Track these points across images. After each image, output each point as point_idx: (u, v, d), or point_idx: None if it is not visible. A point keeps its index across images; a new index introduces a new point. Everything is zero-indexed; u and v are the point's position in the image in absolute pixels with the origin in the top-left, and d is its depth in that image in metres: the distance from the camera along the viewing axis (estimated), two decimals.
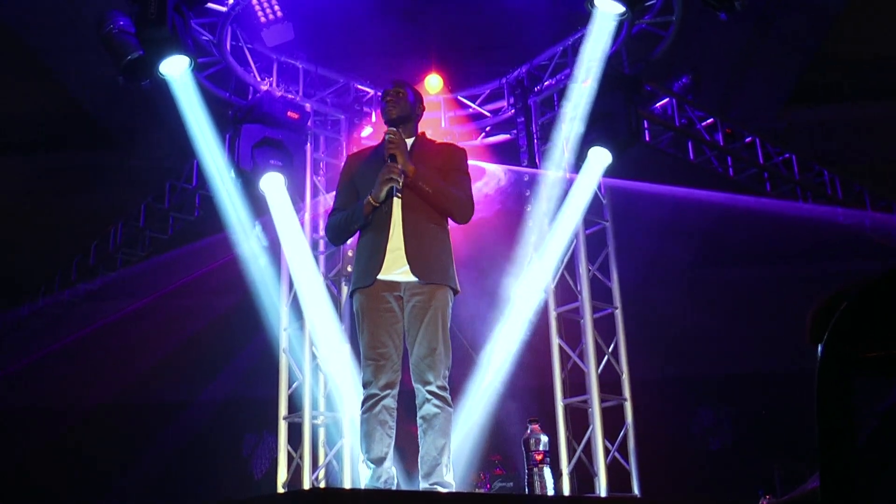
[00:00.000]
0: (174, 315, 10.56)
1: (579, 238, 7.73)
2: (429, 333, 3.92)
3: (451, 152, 4.23)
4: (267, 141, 7.59)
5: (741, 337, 10.22)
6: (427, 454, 3.86)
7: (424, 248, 3.99)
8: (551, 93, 8.42)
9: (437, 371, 3.89)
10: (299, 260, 7.67)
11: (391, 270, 4.00)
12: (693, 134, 8.34)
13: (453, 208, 4.02)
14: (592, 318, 7.49)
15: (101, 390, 10.99)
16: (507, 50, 8.74)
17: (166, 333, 10.64)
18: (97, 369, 10.91)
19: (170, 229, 9.57)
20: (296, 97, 8.20)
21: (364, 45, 8.56)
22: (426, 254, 3.99)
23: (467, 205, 4.06)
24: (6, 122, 10.17)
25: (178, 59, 6.60)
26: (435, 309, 3.95)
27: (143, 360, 10.83)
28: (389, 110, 4.08)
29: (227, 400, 11.24)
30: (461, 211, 4.04)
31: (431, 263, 3.99)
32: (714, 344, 10.49)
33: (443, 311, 3.97)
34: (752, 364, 10.59)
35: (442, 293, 3.99)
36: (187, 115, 7.23)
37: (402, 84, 4.28)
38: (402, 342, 4.04)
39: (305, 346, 7.63)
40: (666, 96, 8.18)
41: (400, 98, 4.19)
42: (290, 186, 7.75)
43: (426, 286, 3.97)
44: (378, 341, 3.98)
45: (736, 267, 11.14)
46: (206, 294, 10.40)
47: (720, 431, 11.22)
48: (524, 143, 8.22)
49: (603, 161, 7.49)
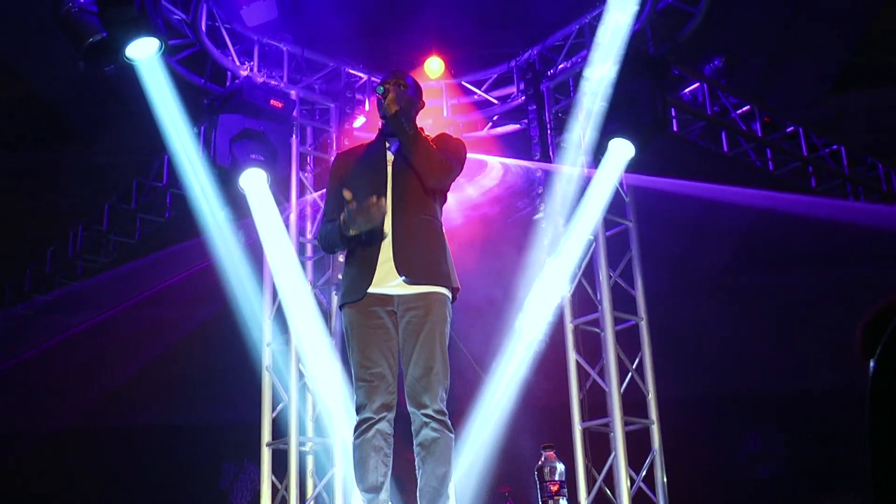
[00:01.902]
0: (142, 329, 10.58)
1: (599, 241, 7.75)
2: (425, 352, 3.98)
3: (442, 138, 4.34)
4: (247, 133, 7.63)
5: (785, 350, 10.22)
6: (427, 485, 3.90)
7: (414, 246, 4.06)
8: (566, 77, 8.46)
9: (434, 393, 3.94)
10: (284, 266, 7.71)
11: (383, 283, 4.06)
12: (727, 123, 8.37)
13: (430, 161, 4.09)
14: (614, 330, 7.51)
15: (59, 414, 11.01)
16: (516, 29, 8.78)
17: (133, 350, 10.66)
18: (55, 391, 10.94)
19: (137, 233, 9.60)
20: (280, 83, 8.24)
21: (356, 24, 8.56)
22: (416, 251, 4.06)
23: (445, 164, 4.13)
24: None
25: (146, 41, 6.61)
26: (432, 324, 4.00)
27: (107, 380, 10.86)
28: (388, 106, 4.07)
29: (203, 424, 11.25)
30: (438, 166, 4.11)
31: (423, 261, 4.06)
32: (753, 358, 10.50)
33: (441, 327, 4.03)
34: (800, 380, 10.57)
35: (439, 305, 4.05)
36: (157, 105, 7.26)
37: (401, 75, 4.31)
38: (397, 360, 4.10)
39: (291, 363, 7.66)
40: (696, 81, 8.20)
41: (399, 92, 4.19)
42: (273, 184, 7.79)
43: (421, 299, 4.02)
44: (370, 360, 4.03)
45: (777, 272, 11.14)
46: (178, 305, 10.42)
47: (770, 457, 11.18)
48: (536, 133, 8.26)
49: (625, 154, 7.52)
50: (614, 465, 7.15)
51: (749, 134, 8.47)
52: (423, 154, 4.06)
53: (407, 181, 4.11)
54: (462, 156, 4.28)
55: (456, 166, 4.20)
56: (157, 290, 9.91)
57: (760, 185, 8.65)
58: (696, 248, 9.88)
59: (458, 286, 4.14)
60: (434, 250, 4.11)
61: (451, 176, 4.19)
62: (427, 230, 4.11)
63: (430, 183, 4.11)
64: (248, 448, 8.59)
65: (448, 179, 4.18)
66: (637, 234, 7.93)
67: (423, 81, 5.01)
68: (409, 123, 4.11)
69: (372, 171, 4.19)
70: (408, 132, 4.05)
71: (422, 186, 4.11)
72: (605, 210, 7.69)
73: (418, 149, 4.06)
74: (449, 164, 4.14)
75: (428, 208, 4.15)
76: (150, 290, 9.97)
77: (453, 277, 4.13)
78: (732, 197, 8.52)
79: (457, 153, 4.25)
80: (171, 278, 9.70)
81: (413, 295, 4.03)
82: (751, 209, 8.97)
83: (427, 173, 4.09)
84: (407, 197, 4.10)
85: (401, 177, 4.14)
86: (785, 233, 9.66)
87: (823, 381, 10.20)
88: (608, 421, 7.26)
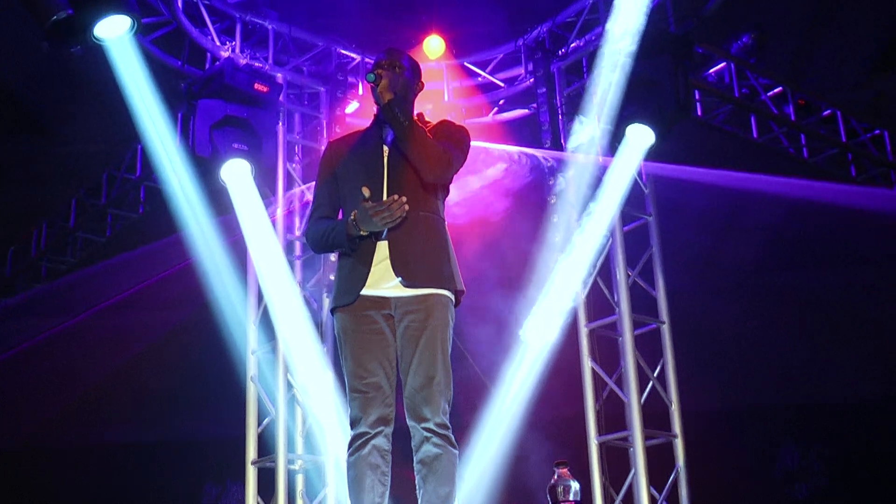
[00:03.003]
0: (113, 336, 10.58)
1: (616, 236, 7.75)
2: (425, 360, 3.95)
3: (443, 126, 4.30)
4: (229, 120, 7.62)
5: (824, 356, 10.21)
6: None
7: (413, 244, 4.03)
8: (579, 57, 8.45)
9: (436, 405, 3.92)
10: (270, 266, 7.70)
11: (379, 284, 4.04)
12: (757, 106, 8.36)
13: (427, 154, 4.04)
14: (633, 335, 7.51)
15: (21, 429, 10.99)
16: (524, 3, 8.73)
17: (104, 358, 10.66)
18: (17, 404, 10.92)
19: (107, 230, 9.60)
20: (265, 65, 8.24)
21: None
22: (415, 250, 4.03)
23: (444, 157, 4.08)
24: None
25: (116, 19, 6.58)
26: (433, 329, 3.98)
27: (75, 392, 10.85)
28: (381, 94, 4.06)
29: (181, 441, 11.26)
30: (436, 160, 4.06)
31: (422, 261, 4.03)
32: (789, 366, 10.48)
33: (442, 332, 4.01)
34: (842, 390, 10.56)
35: (441, 308, 4.03)
36: (129, 90, 7.25)
37: (396, 55, 4.27)
38: (394, 369, 4.07)
39: (279, 373, 7.65)
40: (723, 60, 8.20)
41: (395, 74, 4.18)
42: (258, 176, 7.78)
43: (421, 301, 4.01)
44: (365, 370, 4.01)
45: (813, 270, 11.12)
46: (154, 309, 10.42)
47: (808, 475, 11.17)
48: (546, 119, 8.25)
49: (644, 141, 7.51)
50: (634, 484, 7.12)
51: (781, 118, 8.45)
52: (419, 147, 4.02)
53: (404, 173, 4.07)
54: (465, 145, 4.24)
55: (457, 158, 4.16)
56: (130, 293, 9.90)
57: (794, 174, 8.66)
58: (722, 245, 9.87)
59: (463, 289, 4.11)
60: (435, 249, 4.08)
61: (452, 170, 4.14)
62: (427, 227, 4.08)
63: (427, 178, 4.07)
64: (232, 467, 8.62)
65: (448, 174, 4.14)
66: (658, 229, 7.94)
67: (421, 62, 5.02)
68: (405, 112, 4.05)
69: (367, 161, 4.15)
70: (403, 123, 4.00)
71: (417, 178, 4.12)
72: (622, 203, 7.69)
73: (414, 141, 4.01)
74: (448, 156, 4.09)
75: (428, 203, 4.12)
76: (123, 292, 9.96)
77: (457, 279, 4.10)
78: (763, 187, 8.53)
79: (459, 143, 4.21)
80: (146, 280, 9.68)
81: (412, 297, 4.00)
82: (784, 201, 8.96)
83: (424, 168, 4.04)
84: (404, 191, 4.01)
85: (398, 168, 4.10)
86: (821, 227, 9.64)
87: (868, 390, 10.19)
88: (627, 435, 7.24)
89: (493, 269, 8.68)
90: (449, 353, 4.03)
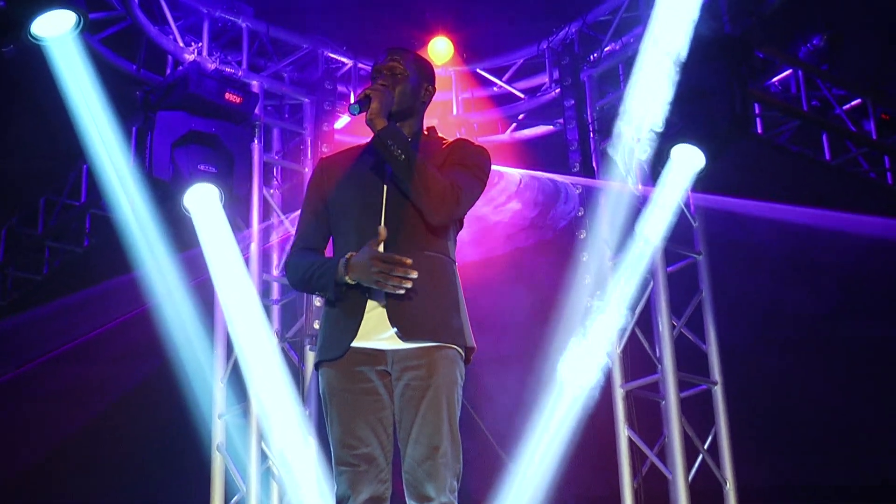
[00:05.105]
0: (53, 395, 10.54)
1: (658, 279, 7.77)
2: (428, 426, 3.89)
3: (458, 147, 4.21)
4: (194, 136, 7.64)
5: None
6: None
7: (415, 291, 3.92)
8: (615, 63, 8.49)
9: (441, 481, 3.86)
10: (242, 313, 7.69)
11: (373, 335, 3.97)
12: (830, 122, 8.33)
13: (430, 194, 3.94)
14: (679, 397, 7.50)
15: None
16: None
17: (41, 423, 10.61)
18: None
19: (45, 266, 9.58)
20: (237, 71, 8.24)
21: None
22: (417, 299, 3.93)
23: (449, 196, 3.97)
24: None
25: (58, 14, 6.60)
26: (437, 389, 3.91)
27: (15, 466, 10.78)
28: (372, 121, 3.99)
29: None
30: (438, 200, 3.95)
31: (425, 312, 3.96)
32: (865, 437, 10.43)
33: (449, 392, 3.94)
34: None
35: (447, 363, 3.95)
36: (73, 99, 7.25)
37: (399, 56, 4.21)
38: (391, 438, 4.02)
39: (251, 441, 7.66)
40: (788, 67, 8.19)
41: (399, 79, 4.13)
42: (228, 204, 7.78)
43: (423, 355, 3.93)
44: (356, 438, 3.95)
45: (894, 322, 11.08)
46: (103, 364, 10.40)
47: None
48: (575, 137, 8.27)
49: (693, 165, 7.53)
50: None
51: (860, 136, 8.42)
52: (420, 185, 3.92)
53: (407, 206, 4.00)
54: (483, 174, 4.16)
55: (470, 192, 4.08)
56: (74, 345, 9.86)
57: (875, 204, 8.63)
58: (786, 290, 9.83)
59: (473, 345, 4.06)
60: (441, 297, 4.02)
61: (461, 208, 4.05)
62: (432, 270, 4.00)
63: (431, 220, 3.99)
64: None
65: (456, 214, 4.05)
66: (708, 270, 7.97)
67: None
68: (401, 142, 3.92)
69: (364, 189, 4.08)
70: (398, 158, 3.89)
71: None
72: (665, 239, 7.71)
73: (413, 179, 3.91)
74: (457, 194, 3.98)
75: (435, 242, 4.06)
76: (64, 343, 9.92)
77: (467, 334, 4.04)
78: (836, 223, 8.50)
79: (475, 171, 4.13)
80: (93, 328, 9.65)
81: (412, 350, 3.93)
82: (860, 237, 8.92)
83: (426, 209, 3.96)
84: (406, 226, 4.00)
85: (399, 200, 4.02)
86: None
87: None
88: None
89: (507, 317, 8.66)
90: (457, 417, 3.96)
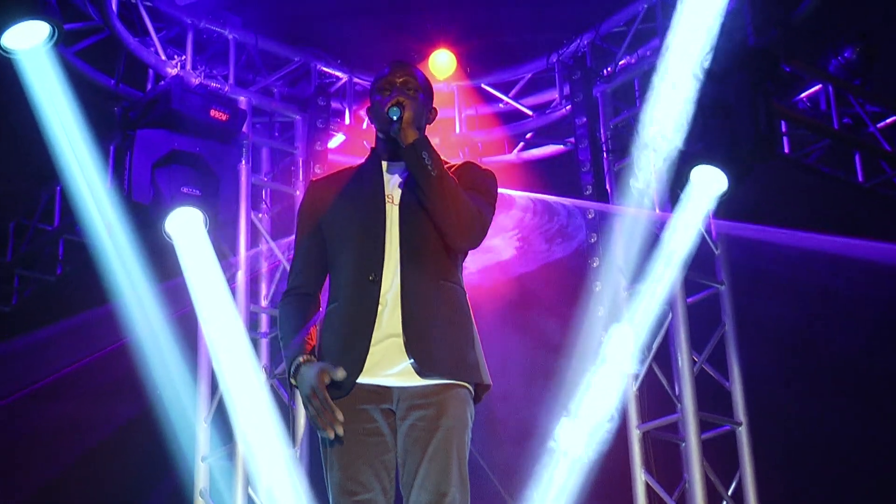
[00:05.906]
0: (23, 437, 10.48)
1: (677, 310, 7.79)
2: (435, 470, 3.84)
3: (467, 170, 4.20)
4: (176, 156, 7.63)
5: None
6: None
7: (433, 322, 3.94)
8: (630, 77, 8.52)
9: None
10: (228, 347, 7.69)
11: (378, 371, 3.94)
12: (863, 141, 8.35)
13: (461, 215, 3.94)
14: (700, 438, 7.51)
15: None
16: (557, 8, 8.75)
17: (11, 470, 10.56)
18: None
19: (13, 296, 9.58)
20: (224, 86, 8.24)
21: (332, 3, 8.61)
22: (435, 330, 3.94)
23: (478, 220, 3.99)
24: None
25: (30, 24, 6.61)
26: (446, 431, 3.88)
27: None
28: (404, 132, 3.95)
29: None
30: (468, 222, 3.97)
31: (443, 345, 3.94)
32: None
33: (459, 435, 3.91)
34: None
35: (458, 403, 3.93)
36: (46, 115, 7.26)
37: (408, 73, 4.19)
38: (394, 483, 3.98)
39: (237, 486, 7.66)
40: (818, 81, 8.21)
41: (410, 96, 4.10)
42: (213, 229, 7.77)
43: (433, 394, 3.91)
44: (357, 483, 3.90)
45: None
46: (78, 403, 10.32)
47: None
48: (587, 158, 8.28)
49: (715, 188, 7.54)
50: None
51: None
52: (451, 205, 3.91)
53: (419, 227, 3.98)
54: (494, 199, 4.18)
55: (489, 220, 4.08)
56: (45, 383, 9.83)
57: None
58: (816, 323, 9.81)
59: (489, 382, 4.04)
60: (458, 330, 4.01)
61: (485, 234, 4.06)
62: (449, 301, 4.01)
63: (458, 245, 4.02)
64: None
65: (481, 239, 4.06)
66: (731, 301, 7.99)
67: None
68: (433, 157, 3.89)
69: (365, 211, 4.06)
70: (431, 173, 3.88)
71: (439, 238, 4.01)
72: (685, 267, 7.71)
73: (444, 198, 3.90)
74: (483, 218, 4.01)
75: (450, 271, 4.06)
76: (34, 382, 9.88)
77: (482, 370, 4.02)
78: (869, 251, 8.48)
79: (490, 196, 4.15)
80: (66, 365, 9.61)
81: (421, 388, 3.90)
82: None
83: (455, 232, 3.96)
84: (420, 251, 3.99)
85: (411, 222, 4.01)
86: None
87: None
88: None
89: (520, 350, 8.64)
90: (466, 461, 3.93)
